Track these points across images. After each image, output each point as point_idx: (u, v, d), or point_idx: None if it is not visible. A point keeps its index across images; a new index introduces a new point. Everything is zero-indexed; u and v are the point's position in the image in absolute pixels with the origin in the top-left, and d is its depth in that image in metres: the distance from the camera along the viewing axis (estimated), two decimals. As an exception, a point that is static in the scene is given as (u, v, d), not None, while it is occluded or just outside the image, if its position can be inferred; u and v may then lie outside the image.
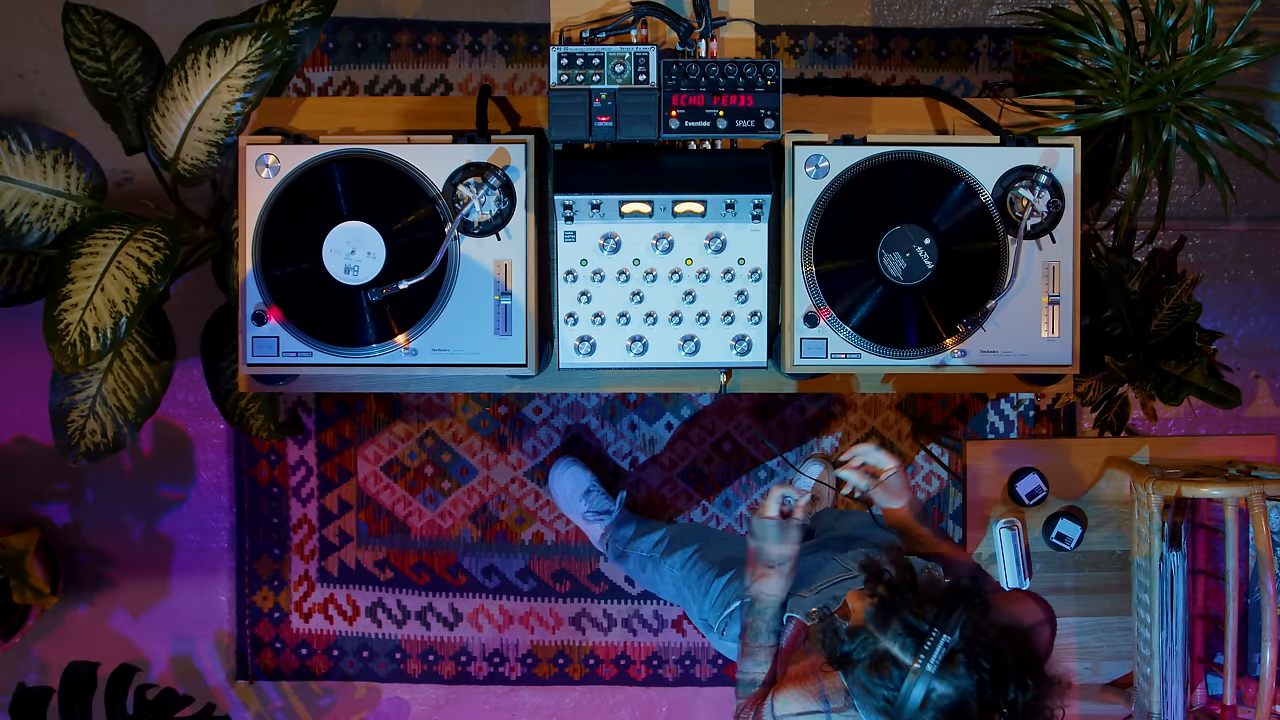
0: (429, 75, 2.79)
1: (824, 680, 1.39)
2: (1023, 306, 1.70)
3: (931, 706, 1.21)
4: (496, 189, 1.66)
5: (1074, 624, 1.97)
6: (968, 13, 2.80)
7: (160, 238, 1.86)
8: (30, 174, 1.88)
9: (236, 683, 2.84)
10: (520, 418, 2.79)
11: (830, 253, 1.69)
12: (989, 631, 1.23)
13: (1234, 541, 1.69)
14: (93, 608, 2.83)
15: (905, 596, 1.25)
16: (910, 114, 1.82)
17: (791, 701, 1.41)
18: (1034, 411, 2.83)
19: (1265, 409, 2.87)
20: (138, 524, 2.82)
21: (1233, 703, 1.73)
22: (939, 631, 1.21)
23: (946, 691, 1.20)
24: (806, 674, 1.43)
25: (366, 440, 2.80)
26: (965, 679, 1.20)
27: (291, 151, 1.68)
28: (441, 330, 1.68)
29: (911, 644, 1.22)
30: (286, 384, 1.80)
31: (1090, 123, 2.02)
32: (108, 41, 1.99)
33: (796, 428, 2.80)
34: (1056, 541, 1.94)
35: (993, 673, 1.20)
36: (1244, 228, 2.83)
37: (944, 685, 1.20)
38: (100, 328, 1.78)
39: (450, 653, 2.83)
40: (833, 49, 2.80)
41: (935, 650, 1.20)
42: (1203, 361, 2.08)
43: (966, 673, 1.20)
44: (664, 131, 1.60)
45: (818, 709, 1.38)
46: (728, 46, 1.72)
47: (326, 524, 2.81)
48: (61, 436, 1.98)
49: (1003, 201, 1.69)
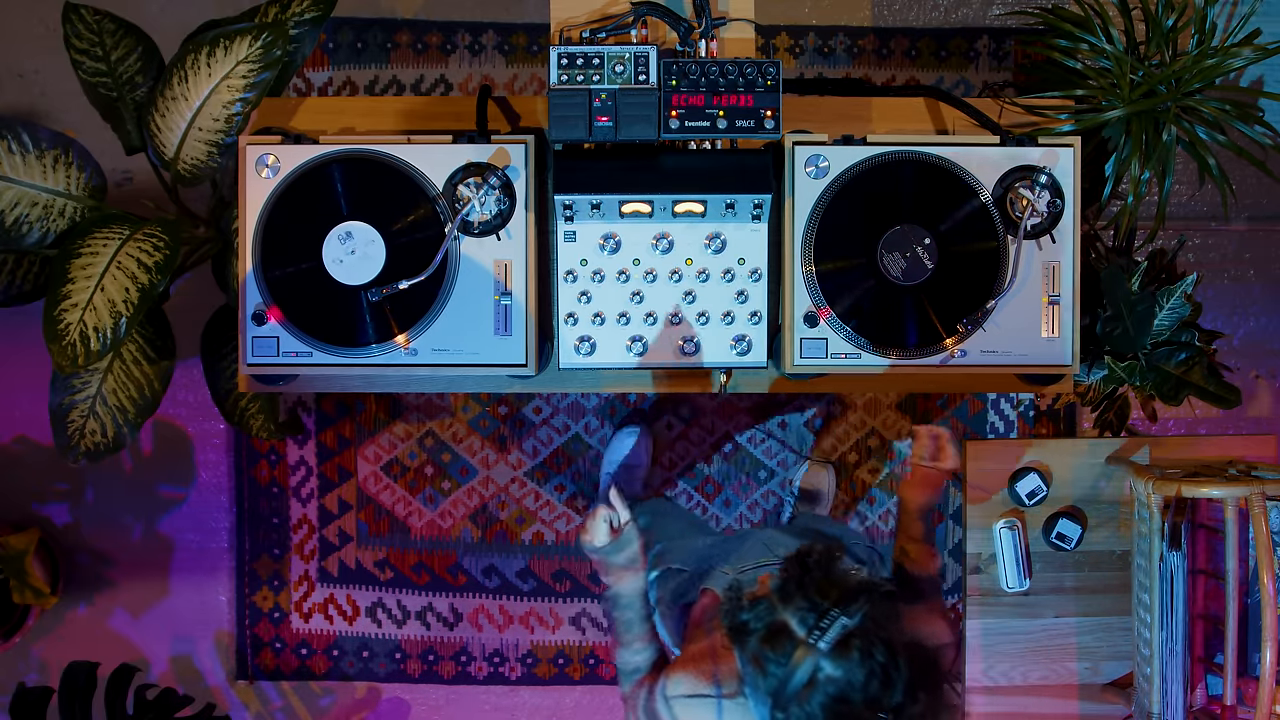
0: (429, 75, 2.79)
1: (719, 664, 1.38)
2: (1023, 306, 1.70)
3: (818, 689, 1.17)
4: (496, 189, 1.66)
5: (1074, 624, 1.97)
6: (968, 13, 2.80)
7: (160, 238, 1.86)
8: (30, 174, 1.88)
9: (236, 683, 2.85)
10: (520, 418, 2.79)
11: (830, 253, 1.69)
12: (889, 628, 1.20)
13: (1234, 541, 1.69)
14: (93, 608, 2.83)
15: (815, 576, 1.23)
16: (910, 114, 1.82)
17: (683, 683, 1.40)
18: (1034, 411, 2.83)
19: (1265, 409, 2.87)
20: (138, 524, 2.82)
21: (1233, 703, 1.73)
22: (839, 612, 1.18)
23: (834, 674, 1.17)
24: (702, 656, 1.43)
25: (366, 440, 2.80)
26: (855, 666, 1.17)
27: (291, 151, 1.68)
28: (441, 330, 1.68)
29: (810, 619, 1.19)
30: (286, 384, 1.80)
31: (1090, 123, 2.02)
32: (108, 41, 1.99)
33: (796, 428, 2.80)
34: (1056, 541, 1.94)
35: (884, 668, 1.17)
36: (1244, 228, 2.83)
37: (833, 667, 1.17)
38: (100, 328, 1.78)
39: (450, 653, 2.83)
40: (833, 49, 2.80)
41: (831, 628, 1.17)
42: (1203, 361, 2.08)
43: (859, 660, 1.17)
44: (664, 131, 1.60)
45: (709, 692, 1.38)
46: (728, 46, 1.72)
47: (326, 524, 2.81)
48: (61, 436, 1.98)
49: (1003, 201, 1.69)
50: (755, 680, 1.23)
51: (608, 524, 1.50)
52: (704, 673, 1.40)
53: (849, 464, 2.80)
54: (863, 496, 2.81)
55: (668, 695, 1.41)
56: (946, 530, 2.82)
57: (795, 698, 1.18)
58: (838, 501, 2.79)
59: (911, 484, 1.64)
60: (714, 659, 1.41)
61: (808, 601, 1.20)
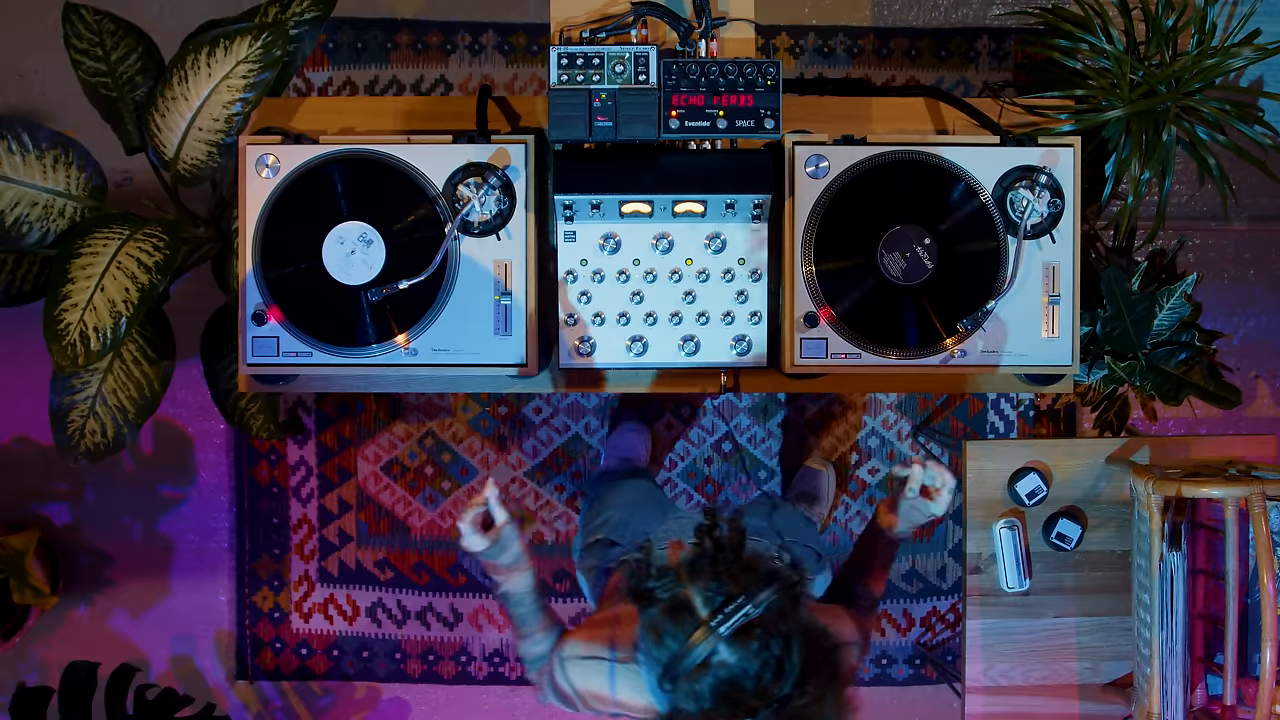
0: (429, 75, 2.79)
1: (617, 631, 1.40)
2: (1023, 306, 1.70)
3: (710, 671, 1.17)
4: (496, 189, 1.66)
5: (1074, 624, 1.97)
6: (968, 13, 2.80)
7: (160, 238, 1.86)
8: (30, 174, 1.88)
9: (236, 683, 2.85)
10: (520, 418, 2.79)
11: (830, 253, 1.68)
12: (792, 620, 1.20)
13: (1234, 541, 1.69)
14: (93, 608, 2.83)
15: (727, 557, 1.22)
16: (910, 114, 1.82)
17: (580, 645, 1.42)
18: (1034, 411, 2.83)
19: (1265, 409, 2.87)
20: (138, 524, 2.82)
21: (1233, 703, 1.73)
22: (745, 599, 1.17)
23: (729, 660, 1.16)
24: (602, 623, 1.45)
25: (366, 440, 2.80)
26: (752, 656, 1.16)
27: (291, 151, 1.68)
28: (441, 330, 1.68)
29: (716, 601, 1.18)
30: (286, 384, 1.80)
31: (1090, 123, 2.02)
32: (108, 41, 1.99)
33: (796, 428, 2.80)
34: (1056, 541, 1.94)
35: (779, 661, 1.17)
36: (1244, 228, 2.83)
37: (729, 653, 1.16)
38: (100, 328, 1.78)
39: (450, 653, 2.83)
40: (833, 49, 2.80)
41: (735, 616, 1.16)
42: (1203, 361, 2.08)
43: (756, 650, 1.16)
44: (664, 131, 1.60)
45: (603, 655, 1.39)
46: (728, 46, 1.72)
47: (326, 524, 2.81)
48: (61, 436, 1.98)
49: (1003, 201, 1.69)
50: (650, 648, 1.23)
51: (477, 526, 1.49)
52: (601, 637, 1.42)
53: (848, 464, 2.80)
54: (861, 495, 2.81)
55: (563, 657, 1.43)
56: (946, 530, 2.82)
57: (686, 675, 1.18)
58: (837, 500, 2.79)
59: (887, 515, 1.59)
60: (614, 625, 1.42)
61: (716, 583, 1.19)
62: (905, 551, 2.82)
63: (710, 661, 1.16)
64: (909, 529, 1.59)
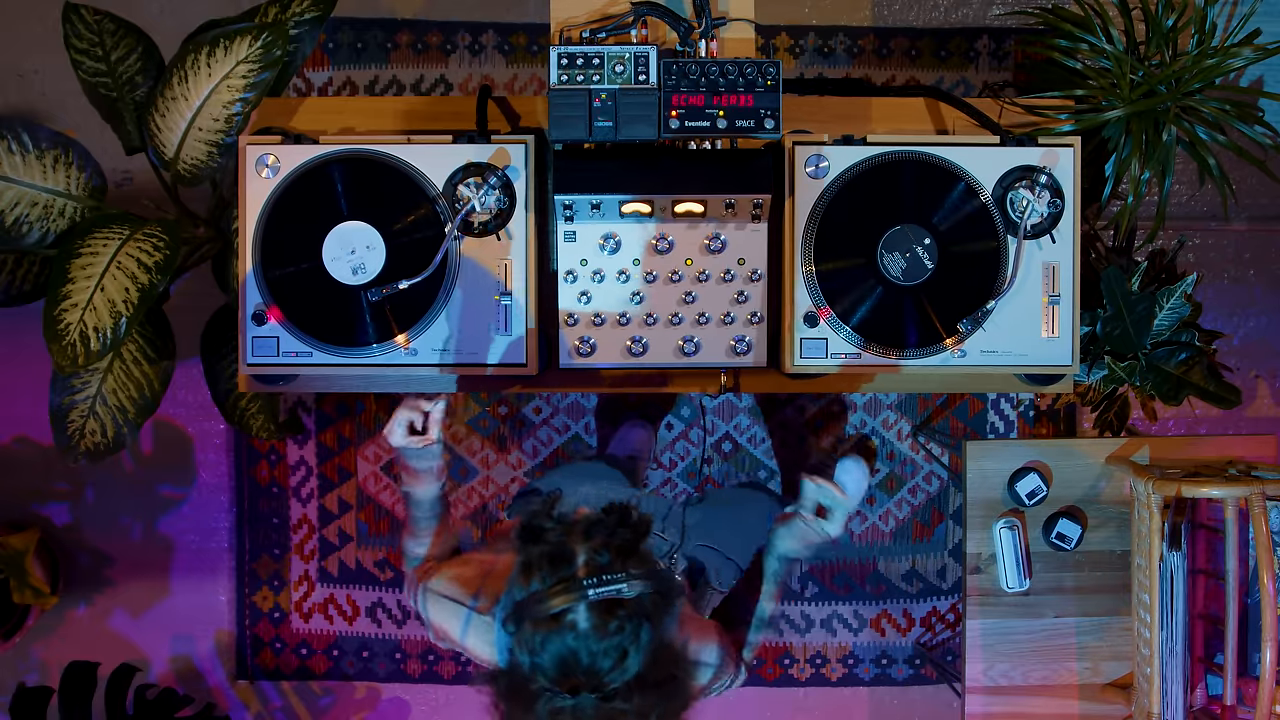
0: (429, 75, 2.79)
1: (488, 581, 1.42)
2: (1023, 306, 1.70)
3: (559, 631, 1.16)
4: (496, 189, 1.66)
5: (1074, 624, 1.97)
6: (968, 13, 2.80)
7: (160, 238, 1.86)
8: (30, 174, 1.88)
9: (236, 683, 2.85)
10: (520, 418, 2.79)
11: (830, 253, 1.68)
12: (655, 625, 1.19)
13: (1234, 541, 1.69)
14: (93, 608, 2.83)
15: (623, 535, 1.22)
16: (910, 114, 1.82)
17: (447, 584, 1.45)
18: (1034, 411, 2.83)
19: (1265, 409, 2.87)
20: (138, 524, 2.82)
21: (1233, 703, 1.73)
22: (625, 577, 1.17)
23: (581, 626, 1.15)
24: (476, 571, 1.46)
25: (366, 440, 2.80)
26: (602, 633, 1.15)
27: (291, 151, 1.68)
28: (441, 330, 1.68)
29: (597, 563, 1.18)
30: (286, 384, 1.80)
31: (1090, 123, 2.02)
32: (108, 41, 1.99)
33: (796, 428, 2.80)
34: (1056, 541, 1.94)
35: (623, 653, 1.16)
36: (1244, 228, 2.83)
37: (585, 620, 1.16)
38: (100, 328, 1.78)
39: (450, 653, 2.83)
40: (833, 49, 2.80)
41: (608, 586, 1.16)
42: (1203, 361, 2.08)
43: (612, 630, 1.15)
44: (664, 131, 1.60)
45: (464, 602, 1.42)
46: (728, 46, 1.72)
47: (326, 524, 2.81)
48: (61, 436, 1.98)
49: (1003, 201, 1.69)
50: (515, 582, 1.22)
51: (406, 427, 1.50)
52: (469, 583, 1.44)
53: (849, 464, 2.80)
54: (863, 496, 2.81)
55: (428, 588, 1.46)
56: (947, 530, 2.82)
57: (535, 621, 1.17)
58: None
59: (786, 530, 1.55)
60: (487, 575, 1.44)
61: (604, 552, 1.19)
62: (905, 551, 2.83)
63: (563, 619, 1.16)
64: (799, 547, 1.54)
